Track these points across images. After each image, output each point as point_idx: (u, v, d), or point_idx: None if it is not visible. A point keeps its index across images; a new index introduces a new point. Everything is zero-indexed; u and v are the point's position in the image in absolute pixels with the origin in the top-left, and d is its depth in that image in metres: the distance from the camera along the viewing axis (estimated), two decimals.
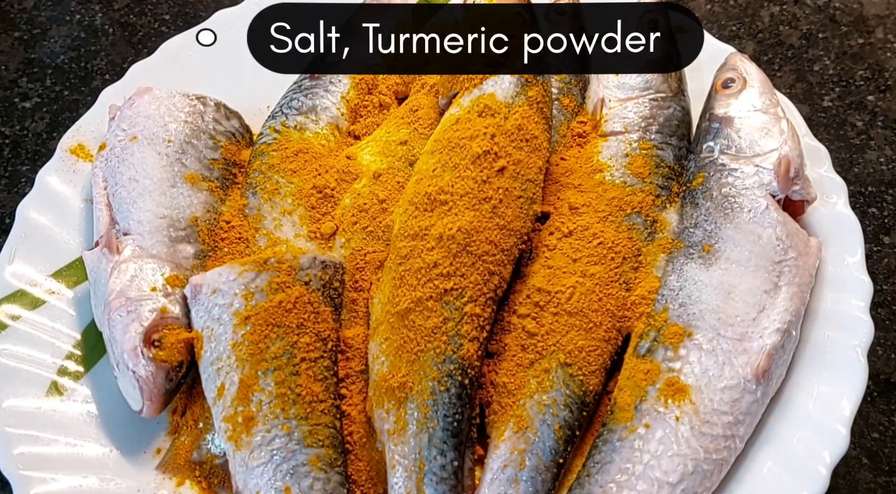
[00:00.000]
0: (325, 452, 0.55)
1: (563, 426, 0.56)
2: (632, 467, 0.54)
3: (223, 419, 0.56)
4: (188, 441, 0.60)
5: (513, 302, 0.61)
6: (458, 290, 0.57)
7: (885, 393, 0.69)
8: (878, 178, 0.80)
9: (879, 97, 0.85)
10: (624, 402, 0.57)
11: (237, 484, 0.55)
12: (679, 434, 0.55)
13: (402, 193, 0.65)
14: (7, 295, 0.64)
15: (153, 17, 0.95)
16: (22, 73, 0.90)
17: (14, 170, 0.83)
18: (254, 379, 0.56)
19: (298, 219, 0.66)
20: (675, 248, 0.62)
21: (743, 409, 0.56)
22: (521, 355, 0.58)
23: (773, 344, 0.57)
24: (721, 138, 0.65)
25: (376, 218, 0.65)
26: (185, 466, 0.59)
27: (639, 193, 0.65)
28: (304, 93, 0.73)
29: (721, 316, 0.58)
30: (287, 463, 0.54)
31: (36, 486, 0.57)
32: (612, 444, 0.56)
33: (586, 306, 0.59)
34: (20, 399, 0.60)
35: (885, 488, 0.65)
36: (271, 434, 0.55)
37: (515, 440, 0.56)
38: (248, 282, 0.58)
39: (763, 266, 0.59)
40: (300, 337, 0.57)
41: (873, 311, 0.61)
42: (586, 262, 0.61)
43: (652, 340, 0.59)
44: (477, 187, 0.60)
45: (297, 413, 0.55)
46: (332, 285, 0.61)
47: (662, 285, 0.61)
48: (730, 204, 0.62)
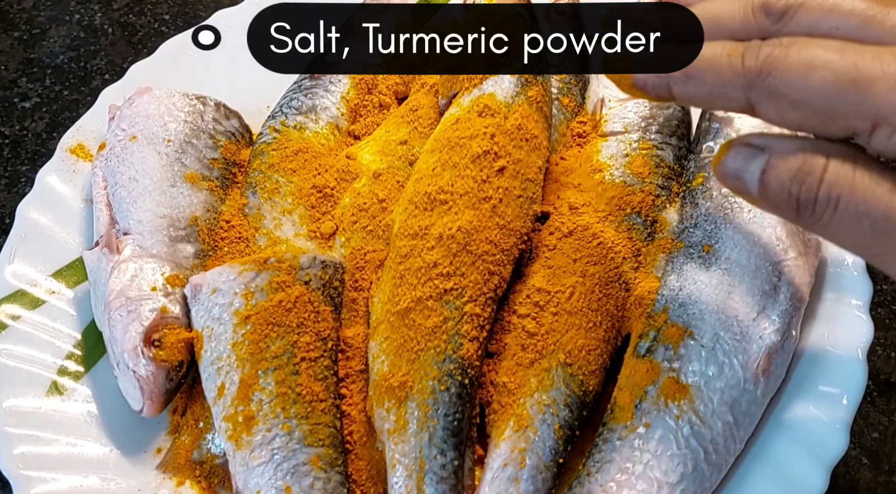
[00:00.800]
0: (326, 451, 0.55)
1: (563, 426, 0.56)
2: (632, 466, 0.54)
3: (223, 419, 0.56)
4: (188, 441, 0.59)
5: (513, 302, 0.61)
6: (458, 289, 0.57)
7: (885, 393, 0.69)
8: None
9: None
10: (624, 401, 0.57)
11: (237, 484, 0.55)
12: (679, 433, 0.54)
13: (402, 192, 0.65)
14: (7, 295, 0.64)
15: (153, 17, 0.95)
16: (22, 73, 0.90)
17: (14, 170, 0.83)
18: (254, 378, 0.56)
19: (298, 218, 0.65)
20: (675, 248, 0.62)
21: (743, 409, 0.56)
22: (521, 354, 0.58)
23: (773, 344, 0.57)
24: (721, 138, 0.65)
25: (376, 217, 0.65)
26: (185, 466, 0.59)
27: (638, 192, 0.64)
28: (304, 93, 0.73)
29: (721, 316, 0.58)
30: (287, 463, 0.54)
31: (36, 486, 0.56)
32: (612, 443, 0.56)
33: (586, 305, 0.59)
34: (20, 399, 0.60)
35: (885, 487, 0.65)
36: (272, 434, 0.55)
37: (516, 439, 0.56)
38: (249, 281, 0.58)
39: (763, 266, 0.59)
40: (300, 337, 0.57)
41: (873, 311, 0.61)
42: (586, 262, 0.61)
43: (652, 340, 0.58)
44: (477, 187, 0.60)
45: (298, 413, 0.55)
46: (332, 285, 0.61)
47: (662, 285, 0.61)
48: (729, 204, 0.62)
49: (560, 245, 0.62)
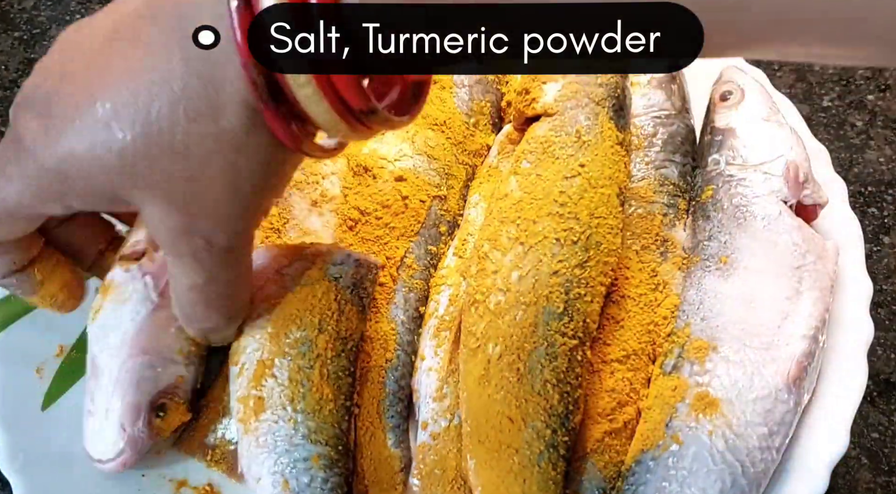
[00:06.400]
0: (328, 451, 0.54)
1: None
2: (668, 486, 0.52)
3: (238, 399, 0.55)
4: (205, 423, 0.59)
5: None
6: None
7: (885, 393, 0.69)
8: (878, 178, 0.80)
9: (879, 97, 0.85)
10: (654, 421, 0.54)
11: (242, 467, 0.55)
12: (714, 449, 0.52)
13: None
14: (7, 295, 0.64)
15: None
16: (22, 73, 0.90)
17: None
18: (270, 364, 0.54)
19: (326, 210, 0.64)
20: (691, 263, 0.60)
21: (777, 419, 0.54)
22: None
23: (801, 351, 0.55)
24: (726, 150, 0.63)
25: (399, 214, 0.64)
26: (198, 448, 0.58)
27: (647, 216, 0.63)
28: None
29: (745, 326, 0.56)
30: (288, 456, 0.53)
31: (36, 486, 0.56)
32: (644, 464, 0.53)
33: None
34: (20, 399, 0.60)
35: (884, 488, 0.65)
36: (278, 425, 0.54)
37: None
38: (281, 268, 0.57)
39: (783, 273, 0.57)
40: (320, 333, 0.56)
41: (873, 311, 0.61)
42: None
43: (677, 357, 0.56)
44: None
45: (306, 408, 0.54)
46: (363, 285, 0.59)
47: (682, 302, 0.59)
48: (742, 213, 0.60)
49: None
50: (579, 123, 0.60)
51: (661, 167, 0.65)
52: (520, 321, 0.54)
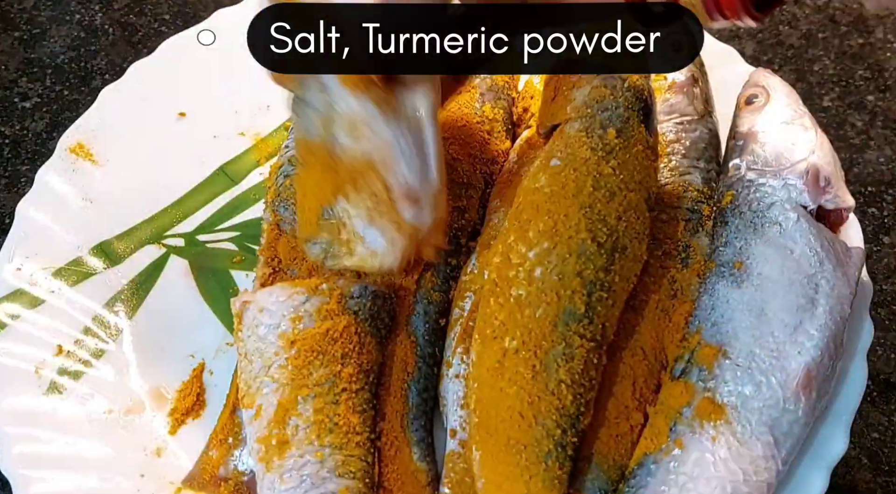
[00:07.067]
0: (356, 484, 0.53)
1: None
2: (667, 490, 0.52)
3: (257, 440, 0.54)
4: (217, 457, 0.58)
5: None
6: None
7: (885, 393, 0.69)
8: (878, 178, 0.80)
9: (879, 97, 0.85)
10: (659, 424, 0.54)
11: None
12: (716, 455, 0.52)
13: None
14: (7, 294, 0.64)
15: (153, 16, 0.94)
16: (22, 73, 0.90)
17: (14, 170, 0.83)
18: (293, 404, 0.53)
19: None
20: (707, 268, 0.60)
21: (784, 429, 0.53)
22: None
23: (812, 360, 0.54)
24: (746, 154, 0.62)
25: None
26: (210, 481, 0.57)
27: (670, 221, 0.62)
28: None
29: (755, 333, 0.55)
30: (316, 490, 0.52)
31: (36, 486, 0.55)
32: (646, 467, 0.53)
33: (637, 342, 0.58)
34: (20, 399, 0.59)
35: (884, 488, 0.65)
36: (303, 459, 0.53)
37: None
38: (298, 305, 0.56)
39: (797, 280, 0.56)
40: (344, 367, 0.55)
41: (873, 311, 0.61)
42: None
43: (686, 361, 0.56)
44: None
45: (333, 442, 0.53)
46: (380, 316, 0.58)
47: (695, 307, 0.58)
48: (759, 219, 0.59)
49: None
50: (612, 125, 0.59)
51: (686, 174, 0.64)
52: (539, 317, 0.53)
